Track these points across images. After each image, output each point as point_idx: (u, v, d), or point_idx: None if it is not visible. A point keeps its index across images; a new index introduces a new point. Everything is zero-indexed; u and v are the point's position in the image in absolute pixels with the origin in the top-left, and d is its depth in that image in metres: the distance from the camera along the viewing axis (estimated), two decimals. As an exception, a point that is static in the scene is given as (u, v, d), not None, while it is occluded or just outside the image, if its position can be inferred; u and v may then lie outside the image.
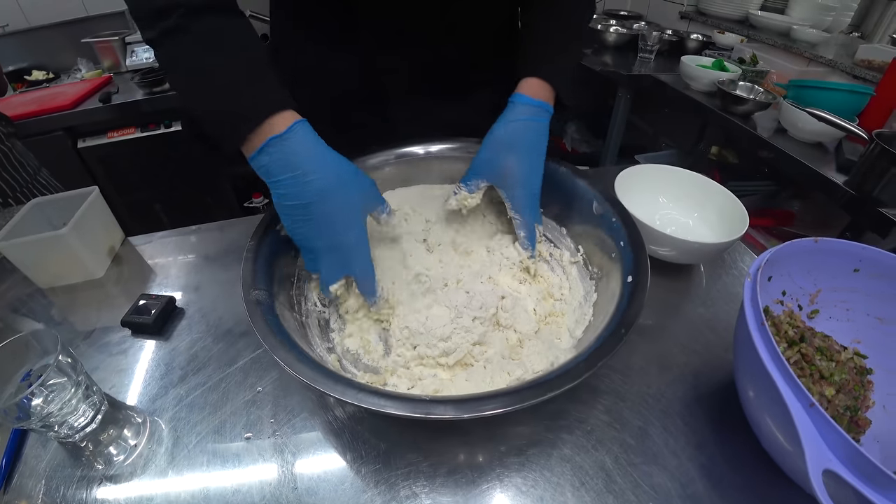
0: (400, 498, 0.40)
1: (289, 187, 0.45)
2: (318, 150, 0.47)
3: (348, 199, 0.47)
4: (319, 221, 0.46)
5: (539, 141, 0.57)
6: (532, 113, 0.56)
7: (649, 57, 1.79)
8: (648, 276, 0.45)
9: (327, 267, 0.49)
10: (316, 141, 0.47)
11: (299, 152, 0.45)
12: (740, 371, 0.42)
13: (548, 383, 0.35)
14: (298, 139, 0.45)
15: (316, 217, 0.46)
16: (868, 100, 1.23)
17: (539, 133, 0.56)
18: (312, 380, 0.36)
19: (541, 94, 0.57)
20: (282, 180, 0.45)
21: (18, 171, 0.97)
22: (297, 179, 0.45)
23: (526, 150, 0.56)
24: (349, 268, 0.49)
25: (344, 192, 0.47)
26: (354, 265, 0.49)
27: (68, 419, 0.43)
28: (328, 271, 0.49)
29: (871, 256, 0.45)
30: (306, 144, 0.46)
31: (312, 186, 0.45)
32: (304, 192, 0.45)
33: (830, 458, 0.31)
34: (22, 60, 1.96)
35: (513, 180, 0.56)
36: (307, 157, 0.45)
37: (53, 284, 0.65)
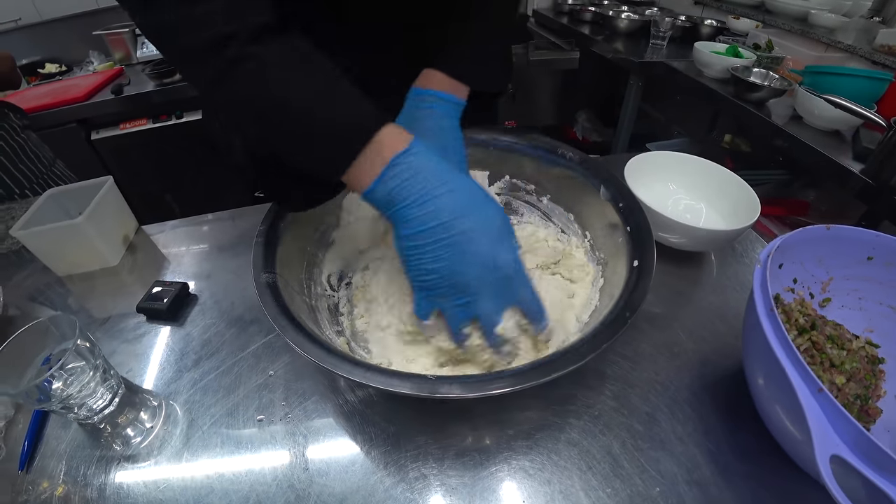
0: (409, 479, 0.41)
1: (424, 208, 0.38)
2: (446, 164, 0.41)
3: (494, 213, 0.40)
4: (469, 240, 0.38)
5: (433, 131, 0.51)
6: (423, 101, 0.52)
7: (661, 43, 1.76)
8: (654, 260, 0.44)
9: (489, 299, 0.40)
10: (439, 156, 0.41)
11: (429, 168, 0.39)
12: (749, 358, 0.42)
13: (552, 364, 0.36)
14: (425, 154, 0.40)
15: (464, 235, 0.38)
16: (887, 86, 1.19)
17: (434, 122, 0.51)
18: (321, 360, 0.37)
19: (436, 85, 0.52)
20: (414, 201, 0.38)
21: (34, 162, 0.99)
22: (432, 196, 0.38)
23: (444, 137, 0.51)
24: (515, 296, 0.41)
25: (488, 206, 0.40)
26: (519, 289, 0.41)
27: (87, 401, 0.45)
28: (492, 304, 0.41)
29: (885, 244, 0.45)
30: (434, 159, 0.40)
31: (452, 200, 0.38)
32: (444, 207, 0.38)
33: (838, 443, 0.31)
34: (35, 54, 1.98)
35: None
36: (438, 172, 0.39)
37: (70, 272, 0.67)
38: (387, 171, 0.39)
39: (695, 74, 1.56)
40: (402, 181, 0.39)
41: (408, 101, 0.53)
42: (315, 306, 0.51)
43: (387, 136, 0.39)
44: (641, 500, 0.39)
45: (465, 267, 0.39)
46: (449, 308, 0.42)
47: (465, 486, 0.40)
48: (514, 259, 0.41)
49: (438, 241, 0.39)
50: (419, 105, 0.52)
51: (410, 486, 0.40)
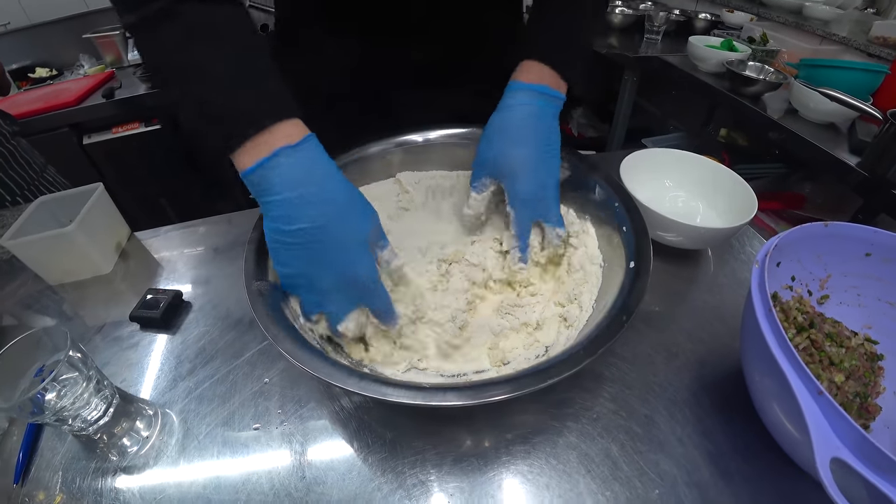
0: (407, 486, 0.40)
1: (292, 207, 0.39)
2: (330, 167, 0.41)
3: (360, 225, 0.42)
4: (327, 250, 0.40)
5: (538, 126, 0.51)
6: (528, 97, 0.51)
7: (656, 38, 1.76)
8: (651, 262, 0.44)
9: (337, 302, 0.42)
10: (327, 159, 0.42)
11: (310, 168, 0.40)
12: (748, 359, 0.42)
13: (548, 370, 0.36)
14: (312, 153, 0.40)
15: (323, 244, 0.40)
16: (882, 78, 1.19)
17: (537, 117, 0.51)
18: (315, 369, 0.36)
19: (538, 78, 0.52)
20: (283, 199, 0.39)
21: (25, 168, 0.97)
22: (303, 199, 0.39)
23: (522, 136, 0.51)
24: (364, 302, 0.43)
25: (356, 218, 0.41)
26: (372, 296, 0.43)
27: (81, 413, 0.44)
28: (339, 306, 0.43)
29: (883, 241, 0.44)
30: (319, 160, 0.41)
31: (320, 207, 0.39)
32: (310, 213, 0.39)
33: (839, 446, 0.30)
34: (25, 58, 1.97)
35: (509, 170, 0.51)
36: (319, 174, 0.40)
37: (62, 281, 0.66)
38: (269, 160, 0.38)
39: (690, 69, 1.56)
40: (280, 173, 0.39)
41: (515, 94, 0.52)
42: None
43: (282, 128, 0.39)
44: (641, 503, 0.38)
45: (318, 274, 0.41)
46: (301, 297, 0.44)
47: (463, 492, 0.40)
48: (368, 273, 0.42)
49: (298, 244, 0.40)
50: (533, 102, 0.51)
51: (409, 493, 0.40)
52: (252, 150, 0.39)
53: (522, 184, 0.51)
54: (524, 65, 0.53)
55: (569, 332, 0.48)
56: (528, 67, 0.53)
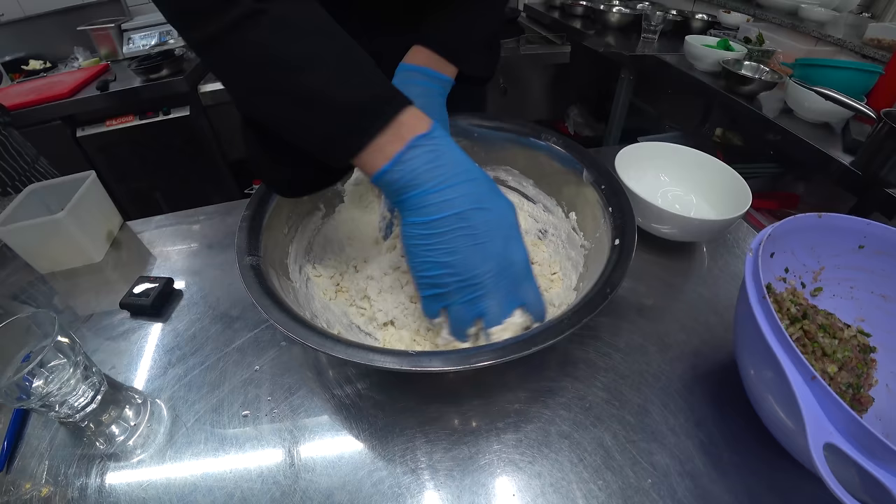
0: (397, 474, 0.40)
1: (438, 195, 0.36)
2: (462, 153, 0.39)
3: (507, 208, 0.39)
4: (483, 234, 0.36)
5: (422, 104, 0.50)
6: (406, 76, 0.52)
7: (653, 37, 1.76)
8: (635, 239, 0.44)
9: (497, 299, 0.38)
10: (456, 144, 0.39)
11: (446, 155, 0.37)
12: (741, 348, 0.42)
13: (533, 338, 0.36)
14: (444, 140, 0.38)
15: (478, 228, 0.36)
16: (877, 79, 1.20)
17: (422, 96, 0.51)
18: (305, 338, 0.36)
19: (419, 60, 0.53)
20: (428, 189, 0.36)
21: (16, 159, 0.96)
22: (450, 183, 0.36)
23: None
24: (523, 296, 0.39)
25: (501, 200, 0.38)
26: (527, 288, 0.39)
27: (68, 399, 0.44)
28: (499, 305, 0.38)
29: (876, 233, 0.45)
30: (452, 146, 0.38)
31: (468, 191, 0.36)
32: (459, 198, 0.36)
33: (831, 431, 0.30)
34: (18, 50, 1.95)
35: None
36: (456, 160, 0.37)
37: (53, 269, 0.65)
38: (404, 153, 0.36)
39: (686, 68, 1.56)
40: (421, 165, 0.36)
41: (396, 75, 0.53)
42: (298, 289, 0.51)
43: (408, 117, 0.37)
44: (633, 493, 0.38)
45: (481, 261, 0.37)
46: (456, 305, 0.39)
47: (454, 480, 0.39)
48: (526, 258, 0.39)
49: (454, 230, 0.36)
50: (406, 81, 0.52)
51: (398, 481, 0.39)
52: (385, 146, 0.36)
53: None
54: (412, 49, 0.54)
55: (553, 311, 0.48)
56: (415, 52, 0.54)
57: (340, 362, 0.49)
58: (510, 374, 0.47)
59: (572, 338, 0.37)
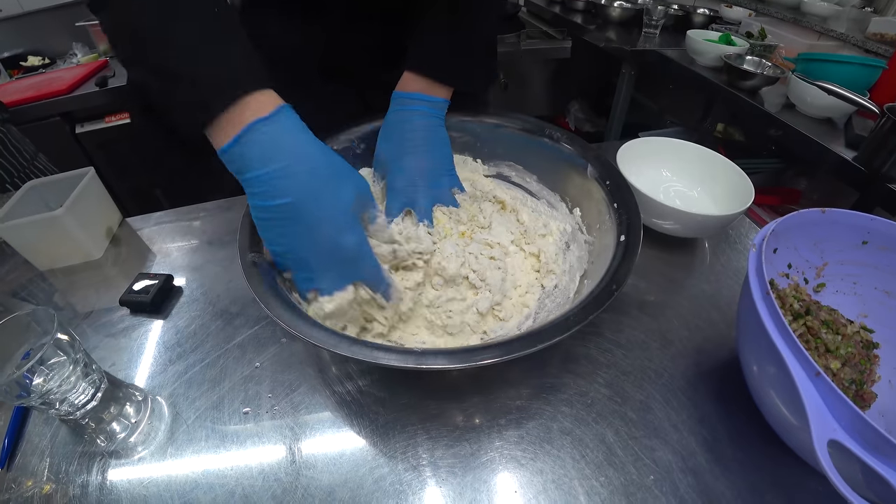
0: (398, 471, 0.40)
1: (271, 183, 0.38)
2: (306, 138, 0.40)
3: (344, 196, 0.40)
4: (312, 223, 0.39)
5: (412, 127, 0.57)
6: (400, 103, 0.57)
7: (654, 32, 1.75)
8: (641, 235, 0.44)
9: (329, 279, 0.41)
10: (304, 129, 0.40)
11: (286, 140, 0.38)
12: (744, 344, 0.42)
13: (538, 335, 0.36)
14: (287, 125, 0.39)
15: (307, 218, 0.38)
16: (880, 73, 1.19)
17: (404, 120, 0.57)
18: (308, 335, 0.36)
19: (412, 87, 0.57)
20: (263, 175, 0.37)
21: (15, 156, 0.96)
22: (283, 172, 0.37)
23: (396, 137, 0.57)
24: (356, 272, 0.42)
25: (339, 188, 0.40)
26: (362, 268, 0.42)
27: (68, 396, 0.43)
28: (330, 281, 0.42)
29: (880, 229, 0.44)
30: (295, 131, 0.39)
31: (301, 180, 0.38)
32: (291, 186, 0.38)
33: (836, 427, 0.30)
34: (17, 46, 1.94)
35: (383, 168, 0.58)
36: (296, 146, 0.39)
37: (52, 266, 0.65)
38: (243, 135, 0.37)
39: (687, 63, 1.55)
40: (256, 150, 0.37)
41: (392, 103, 0.58)
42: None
43: (255, 99, 0.38)
44: (635, 489, 0.38)
45: (305, 249, 0.40)
46: (295, 276, 0.43)
47: (455, 477, 0.39)
48: (357, 241, 0.41)
49: (283, 219, 0.39)
50: (403, 108, 0.57)
51: (400, 478, 0.39)
52: (226, 125, 0.38)
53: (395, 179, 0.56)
54: (405, 77, 0.58)
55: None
56: (405, 79, 0.58)
57: (341, 359, 0.49)
58: (512, 371, 0.47)
59: (574, 334, 0.36)
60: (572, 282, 0.51)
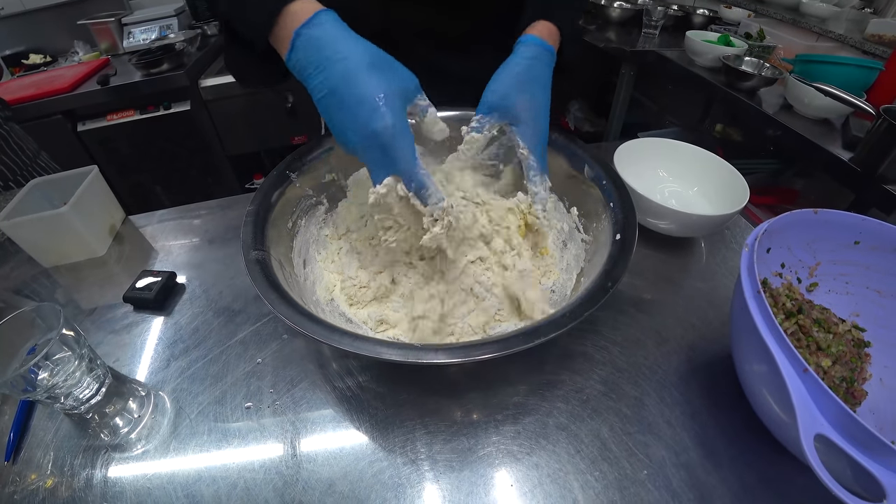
0: (397, 464, 0.41)
1: (318, 76, 0.42)
2: (344, 34, 0.43)
3: (381, 81, 0.42)
4: (348, 108, 0.41)
5: (548, 80, 0.55)
6: (542, 53, 0.54)
7: (654, 32, 1.76)
8: (636, 234, 0.45)
9: (372, 165, 0.44)
10: (343, 27, 0.44)
11: (325, 39, 0.43)
12: (736, 341, 0.43)
13: (535, 331, 0.36)
14: (325, 27, 0.43)
15: (344, 104, 0.41)
16: (877, 75, 1.20)
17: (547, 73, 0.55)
18: (311, 331, 0.37)
19: (549, 37, 0.55)
20: (310, 73, 0.42)
21: (18, 154, 0.97)
22: (325, 65, 0.42)
23: (539, 87, 0.53)
24: (393, 163, 0.43)
25: (376, 74, 0.42)
26: (398, 158, 0.42)
27: (73, 391, 0.44)
28: (374, 170, 0.44)
29: (872, 228, 0.45)
30: (332, 31, 0.43)
31: (339, 68, 0.41)
32: (331, 76, 0.42)
33: (822, 422, 0.31)
34: (19, 44, 1.95)
35: (526, 116, 0.53)
36: (333, 42, 0.42)
37: (57, 263, 0.66)
38: (294, 42, 0.43)
39: (686, 63, 1.56)
40: (303, 52, 0.43)
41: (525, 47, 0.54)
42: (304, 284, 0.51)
43: (296, 8, 0.43)
44: (629, 484, 0.39)
45: (346, 133, 0.43)
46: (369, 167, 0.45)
47: (453, 471, 0.40)
48: (389, 125, 0.41)
49: (329, 107, 0.43)
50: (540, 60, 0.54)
51: (399, 472, 0.40)
52: (282, 38, 0.44)
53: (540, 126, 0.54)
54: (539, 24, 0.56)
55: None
56: (539, 26, 0.56)
57: (342, 355, 0.50)
58: (509, 368, 0.48)
59: (571, 331, 0.37)
60: (570, 279, 0.51)
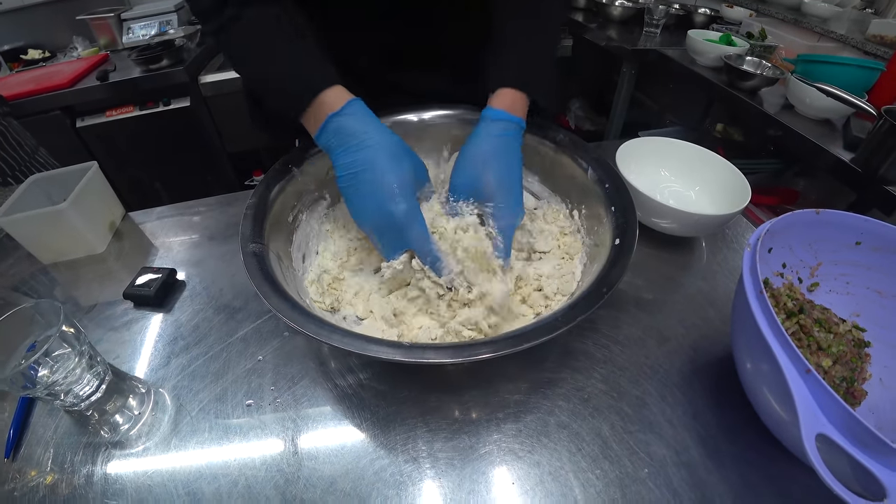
0: (399, 462, 0.41)
1: (344, 159, 0.47)
2: (372, 124, 0.48)
3: (399, 170, 0.47)
4: (369, 191, 0.46)
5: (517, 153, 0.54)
6: (506, 128, 0.53)
7: (655, 31, 1.75)
8: (635, 239, 0.45)
9: (386, 243, 0.48)
10: (370, 116, 0.49)
11: (354, 127, 0.47)
12: (738, 341, 0.43)
13: (525, 335, 0.37)
14: (355, 115, 0.48)
15: (365, 186, 0.46)
16: (878, 75, 1.20)
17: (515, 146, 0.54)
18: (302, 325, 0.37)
19: (513, 107, 0.54)
20: (337, 156, 0.47)
21: (16, 149, 0.96)
22: (350, 150, 0.47)
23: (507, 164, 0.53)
24: (409, 241, 0.47)
25: (395, 164, 0.47)
26: (410, 236, 0.47)
27: (73, 388, 0.44)
28: (387, 248, 0.49)
29: (873, 229, 0.45)
30: (361, 120, 0.48)
31: (363, 155, 0.46)
32: (355, 161, 0.46)
33: (824, 422, 0.31)
34: (17, 39, 1.94)
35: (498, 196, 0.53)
36: (361, 130, 0.47)
37: (56, 260, 0.66)
38: (324, 127, 0.48)
39: (688, 62, 1.56)
40: (334, 136, 0.48)
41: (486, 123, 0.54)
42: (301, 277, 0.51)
43: (328, 97, 0.48)
44: (630, 482, 0.39)
45: (367, 215, 0.48)
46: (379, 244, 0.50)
47: (454, 469, 0.40)
48: (406, 211, 0.46)
49: (350, 187, 0.47)
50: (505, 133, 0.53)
51: (400, 469, 0.40)
52: (313, 120, 0.49)
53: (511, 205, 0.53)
54: (502, 93, 0.55)
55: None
56: (503, 95, 0.55)
57: (342, 352, 0.50)
58: (510, 366, 0.48)
59: (572, 330, 0.37)
60: (573, 280, 0.51)
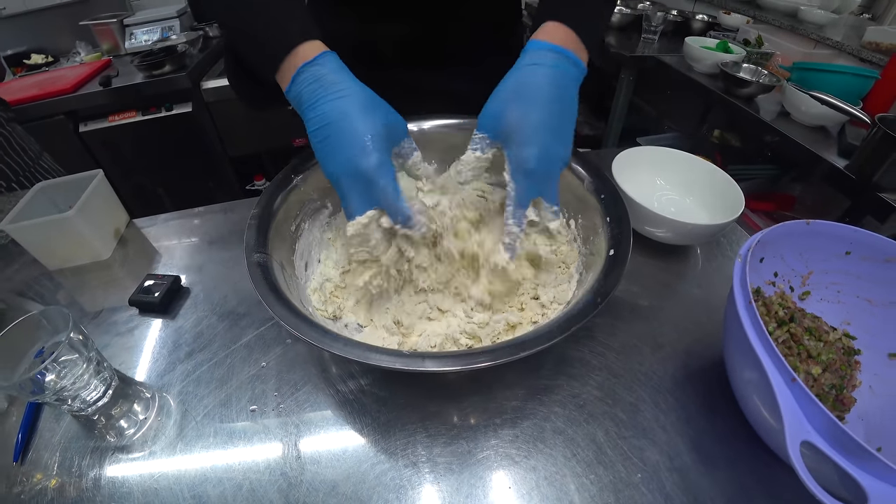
0: (399, 466, 0.42)
1: (312, 112, 0.44)
2: (343, 75, 0.46)
3: (372, 122, 0.44)
4: (337, 142, 0.43)
5: (556, 91, 0.45)
6: (548, 58, 0.45)
7: (653, 38, 1.77)
8: (629, 250, 0.45)
9: (352, 199, 0.45)
10: (342, 69, 0.46)
11: (326, 77, 0.45)
12: (729, 349, 0.44)
13: (522, 344, 0.37)
14: (327, 66, 0.45)
15: (333, 138, 0.44)
16: (873, 83, 1.21)
17: (556, 81, 0.45)
18: (305, 333, 0.38)
19: (561, 40, 0.46)
20: (307, 107, 0.45)
21: (20, 155, 0.97)
22: (321, 102, 0.44)
23: (538, 99, 0.45)
24: (374, 197, 0.44)
25: (368, 115, 0.44)
26: (379, 192, 0.44)
27: (81, 393, 0.45)
28: (354, 203, 0.45)
29: (862, 239, 0.46)
30: (333, 71, 0.46)
31: (333, 106, 0.44)
32: (325, 113, 0.44)
33: (809, 430, 0.32)
34: (20, 44, 1.95)
35: (517, 136, 0.45)
36: (332, 82, 0.45)
37: (61, 266, 0.67)
38: (296, 77, 0.45)
39: (685, 69, 1.57)
40: (305, 86, 0.45)
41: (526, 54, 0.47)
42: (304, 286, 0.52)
43: (303, 49, 0.46)
44: (624, 486, 0.40)
45: (333, 168, 0.45)
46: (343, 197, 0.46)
47: (453, 473, 0.41)
48: (375, 165, 0.43)
49: (320, 141, 0.45)
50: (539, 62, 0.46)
51: (400, 474, 0.41)
52: (286, 72, 0.46)
53: (529, 151, 0.45)
54: (546, 26, 0.47)
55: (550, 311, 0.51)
56: (550, 29, 0.47)
57: (344, 359, 0.50)
58: (508, 373, 0.49)
59: (568, 338, 0.38)
60: (569, 290, 0.52)
